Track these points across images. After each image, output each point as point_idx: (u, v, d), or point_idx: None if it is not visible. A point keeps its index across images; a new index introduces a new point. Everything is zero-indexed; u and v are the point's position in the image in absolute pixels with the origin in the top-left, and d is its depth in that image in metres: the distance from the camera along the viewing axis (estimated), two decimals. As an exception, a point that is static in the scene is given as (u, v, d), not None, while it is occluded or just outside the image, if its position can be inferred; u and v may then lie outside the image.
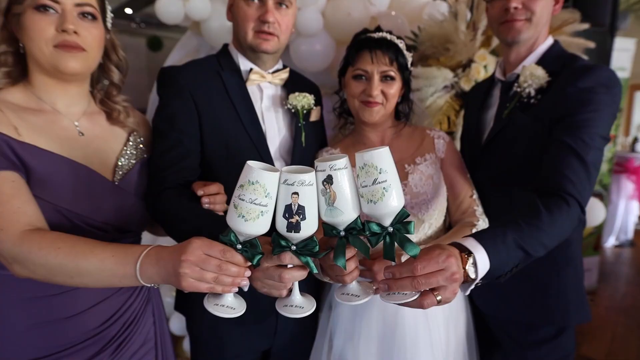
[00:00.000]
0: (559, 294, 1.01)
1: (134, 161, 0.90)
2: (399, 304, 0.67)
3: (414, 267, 0.65)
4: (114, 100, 0.91)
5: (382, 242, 0.70)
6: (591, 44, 1.38)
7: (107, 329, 0.84)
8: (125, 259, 0.66)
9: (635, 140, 4.73)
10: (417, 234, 0.99)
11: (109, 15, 0.87)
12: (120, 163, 0.87)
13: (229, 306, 0.67)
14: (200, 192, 0.85)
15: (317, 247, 0.67)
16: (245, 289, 0.68)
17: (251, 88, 1.04)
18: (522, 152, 0.97)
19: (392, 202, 0.66)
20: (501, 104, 1.06)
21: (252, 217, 0.62)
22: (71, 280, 0.68)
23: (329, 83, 2.00)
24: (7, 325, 0.77)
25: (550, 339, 1.02)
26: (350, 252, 0.71)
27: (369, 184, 0.66)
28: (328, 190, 0.66)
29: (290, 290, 0.72)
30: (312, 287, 1.11)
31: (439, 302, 0.66)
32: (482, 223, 1.01)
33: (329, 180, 0.66)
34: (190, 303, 1.06)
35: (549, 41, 1.05)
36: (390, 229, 0.69)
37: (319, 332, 1.11)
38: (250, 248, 0.65)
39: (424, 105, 1.50)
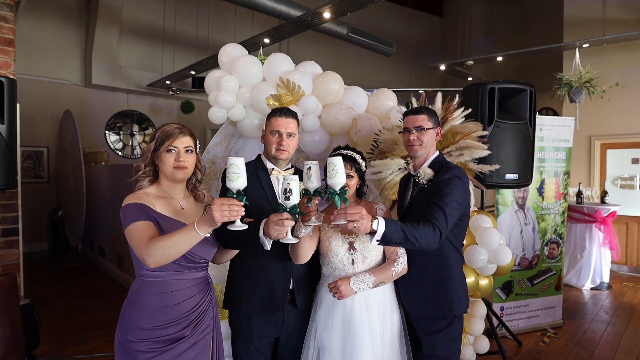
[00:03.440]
0: (447, 296, 1.69)
1: None
2: (337, 224, 1.41)
3: (345, 209, 1.38)
4: (198, 189, 1.67)
5: (334, 198, 1.45)
6: (484, 147, 2.11)
7: (191, 313, 1.53)
8: (191, 228, 1.32)
9: (605, 193, 5.32)
10: (363, 265, 1.70)
11: (198, 145, 1.65)
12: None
13: (238, 226, 1.34)
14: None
15: (298, 209, 1.42)
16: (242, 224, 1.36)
17: (272, 178, 1.79)
18: (421, 213, 1.67)
19: (339, 180, 1.43)
20: (413, 188, 1.81)
21: (234, 179, 1.34)
22: (172, 250, 1.32)
23: (325, 157, 2.79)
24: (146, 306, 1.47)
25: (443, 329, 1.69)
26: (313, 202, 1.49)
27: (330, 171, 1.43)
28: (308, 172, 1.45)
29: (286, 233, 1.45)
30: (308, 290, 1.82)
31: (355, 227, 1.39)
32: (402, 259, 1.72)
33: (309, 169, 1.45)
34: (233, 303, 1.74)
35: (436, 154, 1.82)
36: (338, 191, 1.44)
37: (308, 326, 1.77)
38: (239, 195, 1.35)
39: (385, 181, 2.24)
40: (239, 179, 1.34)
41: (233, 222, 1.35)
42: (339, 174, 1.43)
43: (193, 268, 1.54)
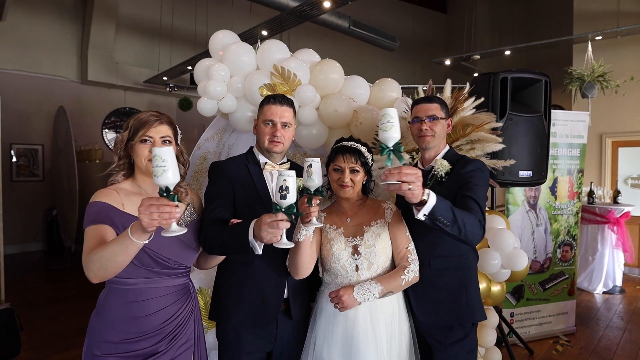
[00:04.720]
0: (467, 301, 1.54)
1: (188, 222, 1.45)
2: (389, 184, 1.23)
3: (400, 168, 1.22)
4: (180, 185, 1.47)
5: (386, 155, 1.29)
6: (498, 139, 1.92)
7: (166, 326, 1.34)
8: (125, 236, 1.08)
9: (617, 193, 5.10)
10: (369, 272, 1.51)
11: (179, 136, 1.47)
12: (179, 223, 1.42)
13: (174, 230, 1.08)
14: (232, 220, 1.42)
15: (295, 209, 1.22)
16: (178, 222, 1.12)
17: (265, 173, 1.60)
18: None
19: (394, 134, 1.27)
20: (424, 183, 1.61)
21: (159, 174, 1.04)
22: (109, 262, 1.12)
23: (325, 153, 2.60)
24: (113, 318, 1.29)
25: (460, 340, 1.52)
26: (315, 202, 1.31)
27: (384, 123, 1.25)
28: (309, 170, 1.28)
29: (281, 236, 1.23)
30: (305, 300, 1.65)
31: (409, 190, 1.21)
32: (413, 265, 1.52)
33: (310, 166, 1.28)
34: (220, 314, 1.56)
35: (447, 148, 1.67)
36: (392, 147, 1.28)
37: (306, 338, 1.58)
38: (168, 193, 1.06)
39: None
40: (165, 173, 1.05)
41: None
42: (394, 127, 1.26)
43: (169, 275, 1.35)
